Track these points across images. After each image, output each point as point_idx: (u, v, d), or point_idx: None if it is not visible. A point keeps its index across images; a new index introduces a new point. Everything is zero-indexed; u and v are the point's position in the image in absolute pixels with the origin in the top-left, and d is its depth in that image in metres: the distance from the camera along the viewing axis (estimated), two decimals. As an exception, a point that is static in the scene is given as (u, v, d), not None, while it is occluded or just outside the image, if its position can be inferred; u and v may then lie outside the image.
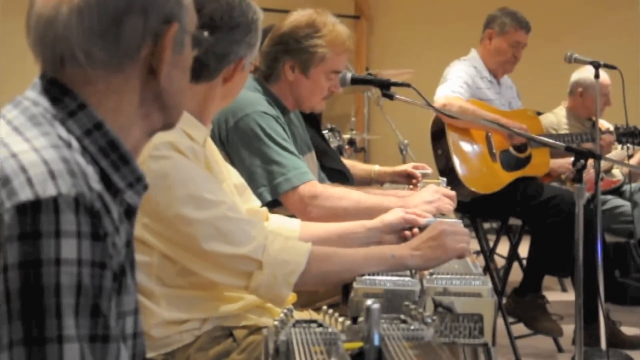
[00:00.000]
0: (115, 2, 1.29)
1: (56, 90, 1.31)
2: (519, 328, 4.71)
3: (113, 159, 1.30)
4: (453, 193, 2.94)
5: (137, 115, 1.36)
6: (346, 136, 6.67)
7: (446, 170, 4.50)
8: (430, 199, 2.80)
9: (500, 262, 5.92)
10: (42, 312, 1.13)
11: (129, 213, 1.35)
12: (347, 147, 6.44)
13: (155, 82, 1.36)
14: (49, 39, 1.30)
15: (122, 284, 1.27)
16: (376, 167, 3.81)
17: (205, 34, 1.49)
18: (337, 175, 3.40)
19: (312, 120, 3.51)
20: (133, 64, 1.33)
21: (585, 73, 5.36)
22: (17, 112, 1.29)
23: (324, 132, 4.10)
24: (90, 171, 1.23)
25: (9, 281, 1.13)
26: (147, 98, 1.36)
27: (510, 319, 4.65)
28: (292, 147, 2.85)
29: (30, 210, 1.14)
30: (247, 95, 2.84)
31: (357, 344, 1.31)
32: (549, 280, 5.60)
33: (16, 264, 1.13)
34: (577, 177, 2.92)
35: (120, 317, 1.28)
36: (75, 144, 1.26)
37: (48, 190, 1.15)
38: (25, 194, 1.15)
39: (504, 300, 4.79)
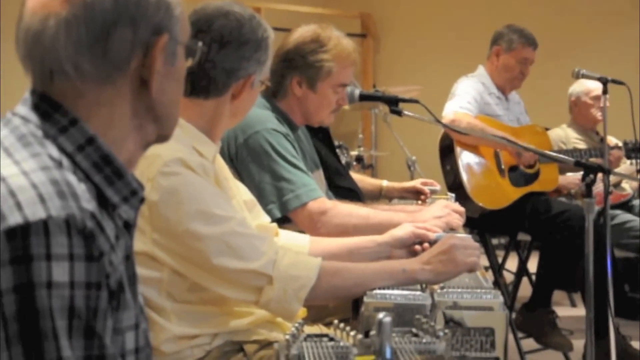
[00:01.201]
0: (103, 14, 1.28)
1: (47, 105, 1.29)
2: (529, 343, 4.69)
3: (107, 173, 1.29)
4: (462, 209, 2.94)
5: (130, 127, 1.35)
6: (354, 153, 6.68)
7: (455, 186, 4.50)
8: (440, 214, 2.80)
9: (509, 277, 5.90)
10: (39, 336, 1.13)
11: (128, 226, 1.34)
12: (354, 164, 6.45)
13: (147, 94, 1.34)
14: (37, 52, 1.29)
15: (120, 300, 1.26)
16: (385, 183, 3.80)
17: (200, 43, 1.46)
18: (348, 193, 3.39)
19: (325, 137, 3.51)
20: (123, 76, 1.31)
21: (575, 84, 5.41)
22: (7, 132, 1.27)
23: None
24: (82, 190, 1.22)
25: (5, 306, 1.12)
26: (140, 110, 1.35)
27: (520, 334, 4.63)
28: (301, 164, 2.86)
29: (20, 234, 1.13)
30: (256, 113, 2.85)
31: (369, 358, 1.30)
32: (558, 295, 5.58)
33: (10, 289, 1.12)
34: (587, 192, 2.92)
35: (119, 334, 1.27)
36: (66, 162, 1.24)
37: (37, 213, 1.14)
38: (14, 218, 1.13)
39: (514, 315, 4.77)
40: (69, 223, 1.15)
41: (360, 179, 3.80)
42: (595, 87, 5.34)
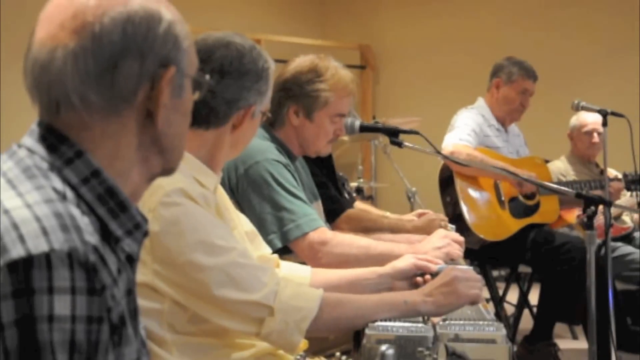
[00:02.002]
0: (111, 45, 1.28)
1: (53, 138, 1.29)
2: (531, 377, 4.67)
3: (111, 206, 1.29)
4: (462, 238, 2.95)
5: (135, 159, 1.35)
6: (354, 184, 6.66)
7: (455, 218, 4.49)
8: (440, 245, 2.81)
9: (510, 309, 5.88)
10: None
11: (130, 260, 1.33)
12: (354, 195, 6.44)
13: (153, 126, 1.34)
14: (44, 83, 1.29)
15: (122, 335, 1.25)
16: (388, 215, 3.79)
17: (207, 76, 1.46)
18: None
19: (327, 165, 3.52)
20: (130, 108, 1.31)
21: (574, 116, 5.44)
22: (12, 164, 1.27)
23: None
24: (85, 223, 1.21)
25: (7, 340, 1.11)
26: (145, 142, 1.35)
27: (522, 367, 4.61)
28: (301, 195, 2.87)
29: (23, 267, 1.12)
30: (257, 143, 2.85)
31: None
32: (559, 327, 5.56)
33: (12, 322, 1.11)
34: (588, 224, 2.91)
35: None
36: (70, 194, 1.24)
37: (40, 246, 1.13)
38: (17, 251, 1.13)
39: (515, 348, 4.74)
40: (71, 256, 1.14)
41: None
42: (591, 120, 5.37)
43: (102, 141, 1.30)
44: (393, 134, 3.11)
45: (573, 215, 5.19)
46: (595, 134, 5.43)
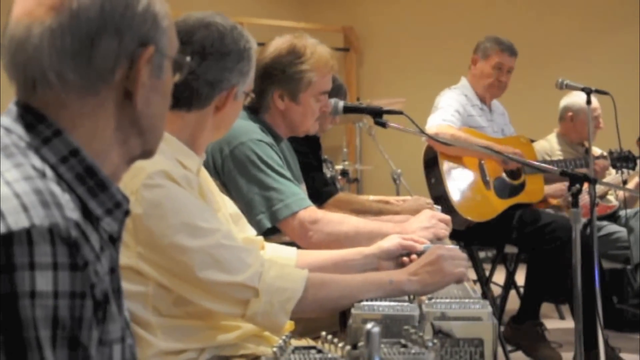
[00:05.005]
0: (88, 23, 1.26)
1: (31, 116, 1.27)
2: (518, 356, 4.68)
3: (90, 185, 1.28)
4: (448, 217, 2.94)
5: (113, 140, 1.33)
6: (338, 167, 6.66)
7: (440, 199, 4.49)
8: (427, 225, 2.80)
9: (496, 290, 5.89)
10: (23, 346, 1.11)
11: (112, 239, 1.32)
12: (339, 178, 6.43)
13: (132, 107, 1.33)
14: (20, 60, 1.28)
15: (106, 312, 1.24)
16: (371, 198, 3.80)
17: (188, 58, 1.45)
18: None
19: (313, 143, 3.51)
20: (108, 87, 1.30)
21: (574, 98, 5.39)
22: None
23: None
24: (66, 200, 1.20)
25: None
26: (124, 123, 1.34)
27: (509, 347, 4.62)
28: (288, 174, 2.86)
29: (3, 244, 1.11)
30: (241, 124, 2.83)
31: None
32: (546, 307, 5.58)
33: None
34: (573, 202, 2.91)
35: (106, 346, 1.26)
36: (49, 172, 1.23)
37: (20, 222, 1.12)
38: None
39: (502, 329, 4.75)
40: (52, 232, 1.14)
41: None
42: (598, 105, 5.32)
43: (80, 121, 1.29)
44: (377, 114, 3.09)
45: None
46: (600, 119, 5.40)
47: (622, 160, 5.09)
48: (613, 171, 5.33)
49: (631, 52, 7.47)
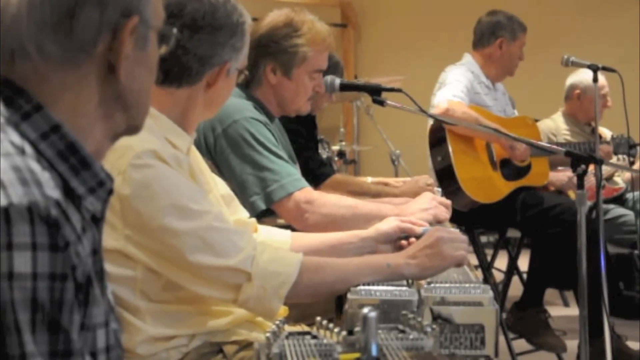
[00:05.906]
0: None
1: (9, 90, 1.23)
2: (521, 344, 4.64)
3: (72, 162, 1.23)
4: (448, 202, 2.89)
5: (97, 115, 1.29)
6: (335, 148, 6.56)
7: (446, 178, 4.41)
8: (427, 207, 2.76)
9: (499, 276, 5.85)
10: (1, 330, 1.07)
11: (95, 219, 1.28)
12: (336, 159, 6.36)
13: (116, 80, 1.28)
14: None
15: (89, 294, 1.20)
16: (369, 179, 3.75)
17: (174, 30, 1.42)
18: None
19: (308, 123, 3.46)
20: (90, 60, 1.26)
21: (581, 75, 5.34)
22: None
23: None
24: (46, 178, 1.16)
25: None
26: (107, 97, 1.29)
27: (512, 335, 4.57)
28: (283, 154, 2.82)
29: None
30: (234, 102, 2.79)
31: (354, 355, 1.26)
32: (550, 294, 5.54)
33: None
34: (579, 183, 2.84)
35: (90, 330, 1.22)
36: (29, 149, 1.18)
37: None
38: None
39: (504, 316, 4.70)
40: (31, 210, 1.09)
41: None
42: (606, 83, 5.27)
43: (61, 95, 1.25)
44: (375, 92, 3.01)
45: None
46: (608, 97, 5.35)
47: (623, 146, 5.03)
48: (615, 157, 5.27)
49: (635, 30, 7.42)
